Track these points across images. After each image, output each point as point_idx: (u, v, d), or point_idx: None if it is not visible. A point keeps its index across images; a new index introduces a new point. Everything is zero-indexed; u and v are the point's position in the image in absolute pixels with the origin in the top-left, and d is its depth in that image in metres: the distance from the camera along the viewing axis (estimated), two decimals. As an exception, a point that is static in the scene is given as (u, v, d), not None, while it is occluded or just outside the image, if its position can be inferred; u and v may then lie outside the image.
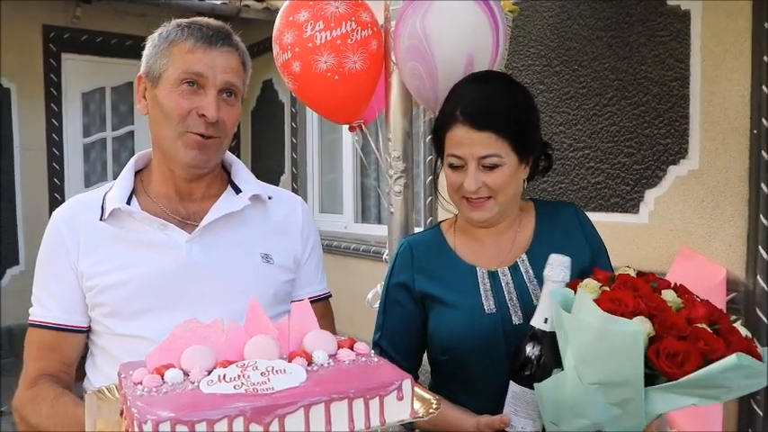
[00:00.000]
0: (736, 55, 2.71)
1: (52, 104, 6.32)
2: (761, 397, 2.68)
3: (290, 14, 2.08)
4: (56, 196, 6.33)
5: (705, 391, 1.20)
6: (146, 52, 1.58)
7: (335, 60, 2.03)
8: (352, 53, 2.04)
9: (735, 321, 1.29)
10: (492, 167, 1.52)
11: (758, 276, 2.65)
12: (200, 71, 1.50)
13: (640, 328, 1.18)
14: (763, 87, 2.60)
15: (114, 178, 1.66)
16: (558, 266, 1.36)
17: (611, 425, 1.28)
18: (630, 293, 1.26)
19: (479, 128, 1.50)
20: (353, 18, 2.05)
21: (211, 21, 1.59)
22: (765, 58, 2.59)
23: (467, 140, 1.52)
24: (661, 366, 1.18)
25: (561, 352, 1.29)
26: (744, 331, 1.27)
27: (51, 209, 6.19)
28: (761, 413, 2.68)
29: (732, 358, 1.14)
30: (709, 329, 1.24)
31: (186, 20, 1.58)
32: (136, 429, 0.91)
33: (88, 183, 6.55)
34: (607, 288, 1.31)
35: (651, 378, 1.20)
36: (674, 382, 1.18)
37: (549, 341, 1.34)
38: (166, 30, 1.56)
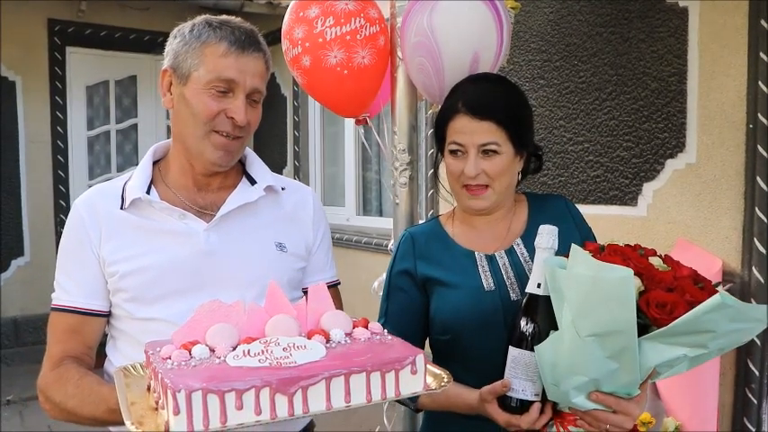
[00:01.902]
0: (732, 51, 2.75)
1: (57, 97, 6.37)
2: (755, 386, 2.73)
3: (301, 10, 2.13)
4: (60, 188, 6.39)
5: (693, 337, 1.27)
6: (172, 47, 1.60)
7: (345, 55, 2.08)
8: (360, 48, 2.09)
9: (716, 285, 1.36)
10: (491, 155, 1.62)
11: (753, 268, 2.70)
12: (232, 77, 1.54)
13: (631, 271, 1.24)
14: (760, 83, 2.64)
15: (118, 171, 1.70)
16: (546, 234, 1.45)
17: (608, 381, 1.34)
18: (620, 258, 1.33)
19: (481, 117, 1.61)
20: (362, 15, 2.11)
21: (241, 22, 1.62)
22: (762, 54, 2.63)
23: (468, 129, 1.62)
24: (651, 314, 1.25)
25: (556, 313, 1.35)
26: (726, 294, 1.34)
27: (56, 201, 6.29)
28: (755, 401, 2.74)
29: (716, 297, 1.20)
30: (694, 286, 1.31)
31: (216, 19, 1.60)
32: (170, 398, 0.98)
33: (92, 175, 6.60)
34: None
35: (643, 329, 1.27)
36: (662, 329, 1.24)
37: (543, 304, 1.42)
38: (197, 28, 1.58)
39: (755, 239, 2.69)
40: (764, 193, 2.65)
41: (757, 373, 2.72)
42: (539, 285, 1.44)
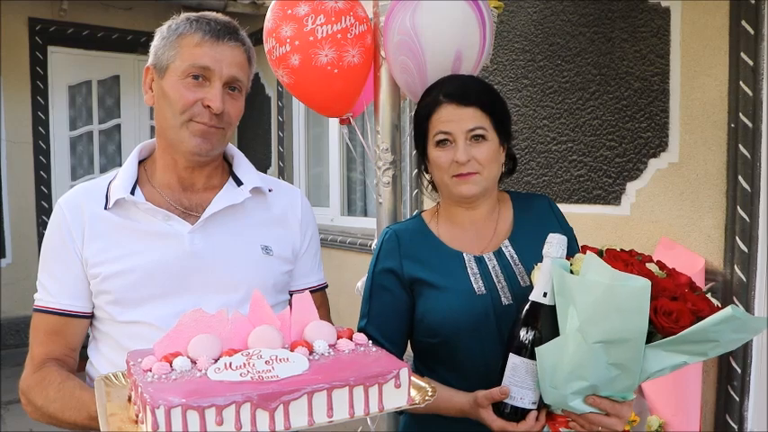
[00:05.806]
0: (714, 51, 2.77)
1: (38, 97, 6.31)
2: (737, 383, 2.75)
3: (288, 8, 2.09)
4: (42, 189, 6.33)
5: (696, 346, 1.28)
6: (154, 44, 1.61)
7: (336, 54, 2.05)
8: (351, 47, 2.07)
9: (706, 292, 1.39)
10: (479, 142, 1.63)
11: (735, 266, 2.72)
12: (207, 65, 1.53)
13: (649, 282, 1.24)
14: (741, 83, 2.67)
15: (101, 171, 1.68)
16: (556, 244, 1.43)
17: (606, 386, 1.35)
18: (621, 264, 1.34)
19: (465, 104, 1.63)
20: (352, 13, 2.08)
21: (220, 16, 1.61)
22: (743, 54, 2.65)
23: (454, 117, 1.63)
24: (660, 322, 1.26)
25: (560, 319, 1.35)
26: (715, 301, 1.37)
27: (38, 202, 6.23)
28: (737, 399, 2.76)
29: (728, 310, 1.22)
30: (694, 294, 1.34)
31: (195, 14, 1.60)
32: (149, 414, 0.96)
33: (75, 176, 6.54)
34: None
35: (648, 336, 1.28)
36: (671, 337, 1.26)
37: (547, 314, 1.40)
38: (175, 23, 1.59)
39: (737, 238, 2.71)
40: (746, 192, 2.68)
41: (739, 370, 2.74)
42: (545, 294, 1.42)
